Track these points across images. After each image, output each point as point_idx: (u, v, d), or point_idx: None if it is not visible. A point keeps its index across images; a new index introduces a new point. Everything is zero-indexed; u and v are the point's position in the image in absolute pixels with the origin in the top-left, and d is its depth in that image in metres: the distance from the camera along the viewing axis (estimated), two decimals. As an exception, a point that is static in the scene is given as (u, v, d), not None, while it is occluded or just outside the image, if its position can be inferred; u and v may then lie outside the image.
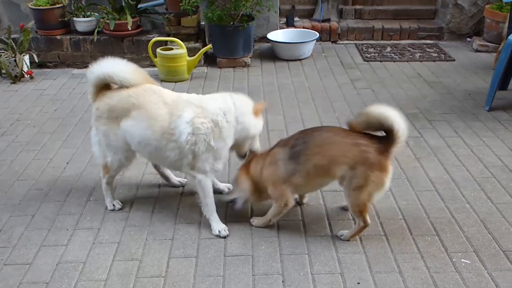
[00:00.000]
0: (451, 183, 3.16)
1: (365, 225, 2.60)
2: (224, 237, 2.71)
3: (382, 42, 6.02)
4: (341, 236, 2.68)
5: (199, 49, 5.14)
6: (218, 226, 2.75)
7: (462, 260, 2.52)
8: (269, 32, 5.66)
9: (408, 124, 3.80)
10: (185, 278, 2.45)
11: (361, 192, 2.47)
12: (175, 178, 3.20)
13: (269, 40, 5.58)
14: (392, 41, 6.03)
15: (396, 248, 2.61)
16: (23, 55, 5.12)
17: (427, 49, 5.71)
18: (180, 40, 4.95)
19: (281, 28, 5.91)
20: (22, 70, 5.08)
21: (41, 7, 5.33)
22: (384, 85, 4.75)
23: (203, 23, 5.55)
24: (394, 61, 5.39)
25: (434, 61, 5.38)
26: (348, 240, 2.66)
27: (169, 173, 3.19)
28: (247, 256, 2.58)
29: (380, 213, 2.88)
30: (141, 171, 3.38)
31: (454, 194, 3.04)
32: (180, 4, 5.03)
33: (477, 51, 5.63)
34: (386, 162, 2.45)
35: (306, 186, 2.67)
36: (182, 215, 2.92)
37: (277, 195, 2.63)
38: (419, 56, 5.52)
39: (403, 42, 6.00)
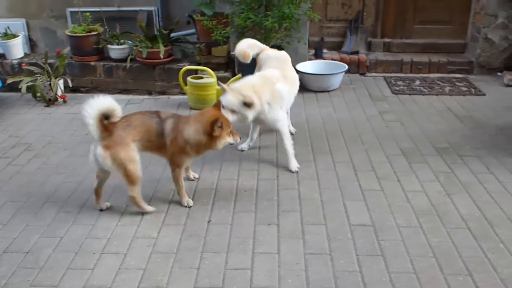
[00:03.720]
0: (484, 221, 3.07)
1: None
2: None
3: (411, 75, 6.00)
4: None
5: (229, 79, 5.20)
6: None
7: (497, 302, 2.43)
8: (298, 63, 5.69)
9: (439, 159, 3.84)
10: (210, 309, 2.42)
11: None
12: None
13: (297, 71, 5.60)
14: (421, 74, 6.00)
15: (427, 287, 2.53)
16: (58, 80, 5.26)
17: (457, 83, 5.66)
18: (210, 69, 5.02)
19: (310, 59, 5.95)
20: (56, 94, 5.21)
21: (77, 34, 5.50)
22: (413, 119, 4.71)
23: (233, 53, 5.62)
24: (423, 95, 5.36)
25: (464, 95, 5.33)
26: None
27: None
28: (274, 288, 2.55)
29: (410, 250, 2.81)
30: (168, 197, 3.40)
31: (487, 233, 2.96)
32: (212, 34, 5.12)
33: (508, 85, 5.55)
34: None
35: None
36: (209, 244, 2.90)
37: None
38: (449, 90, 5.47)
39: (432, 75, 5.96)
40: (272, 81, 3.77)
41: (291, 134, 4.36)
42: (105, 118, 3.03)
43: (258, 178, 3.65)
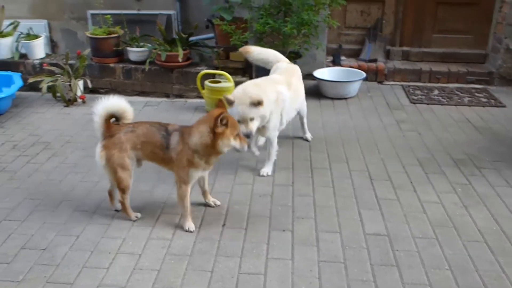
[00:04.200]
0: (501, 234, 3.03)
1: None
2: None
3: (429, 84, 5.96)
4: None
5: (246, 83, 5.21)
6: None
7: (513, 318, 2.40)
8: (315, 69, 5.70)
9: (456, 170, 3.81)
10: (222, 313, 2.43)
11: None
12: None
13: (315, 78, 5.61)
14: (439, 84, 5.95)
15: (441, 299, 2.52)
16: (78, 80, 5.33)
17: (476, 94, 5.61)
18: (228, 73, 5.04)
19: (328, 66, 5.95)
20: (75, 94, 5.28)
21: (97, 36, 5.56)
22: (431, 128, 4.68)
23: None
24: (441, 105, 5.31)
25: (483, 106, 5.27)
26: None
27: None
28: (286, 295, 2.54)
29: (425, 261, 2.79)
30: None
31: (505, 247, 2.91)
32: (230, 39, 5.15)
33: (529, 98, 5.50)
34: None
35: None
36: (223, 248, 2.91)
37: None
38: (468, 100, 5.42)
39: (451, 85, 5.92)
40: (275, 82, 3.79)
41: (307, 140, 4.35)
42: (116, 119, 3.05)
43: (273, 183, 3.65)
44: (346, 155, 4.11)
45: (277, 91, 3.70)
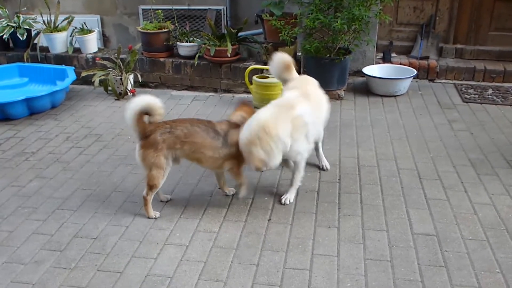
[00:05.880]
0: (559, 239, 2.91)
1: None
2: None
3: (483, 83, 5.75)
4: None
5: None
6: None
7: None
8: (364, 66, 5.62)
9: (510, 172, 3.67)
10: (267, 306, 2.44)
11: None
12: None
13: (364, 74, 5.53)
14: (494, 83, 5.73)
15: (493, 303, 2.44)
16: (129, 74, 5.46)
17: (534, 94, 5.38)
18: (276, 69, 5.04)
19: (377, 63, 5.85)
20: (126, 88, 5.41)
21: (149, 31, 5.67)
22: (484, 129, 4.52)
23: (299, 53, 5.62)
24: (496, 104, 5.12)
25: (541, 107, 5.06)
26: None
27: None
28: (332, 292, 2.53)
29: (475, 263, 2.71)
30: (229, 196, 3.45)
31: (562, 252, 2.80)
32: (280, 34, 5.14)
33: None
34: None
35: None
36: (268, 242, 2.92)
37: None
38: (524, 100, 5.22)
39: (506, 85, 5.68)
40: (289, 108, 3.10)
41: (323, 170, 3.81)
42: (148, 115, 3.05)
43: (320, 180, 3.63)
44: (394, 154, 4.03)
45: (294, 117, 3.06)
